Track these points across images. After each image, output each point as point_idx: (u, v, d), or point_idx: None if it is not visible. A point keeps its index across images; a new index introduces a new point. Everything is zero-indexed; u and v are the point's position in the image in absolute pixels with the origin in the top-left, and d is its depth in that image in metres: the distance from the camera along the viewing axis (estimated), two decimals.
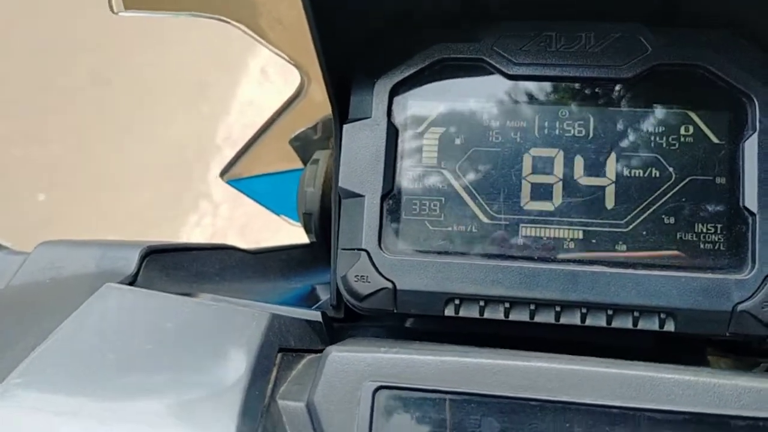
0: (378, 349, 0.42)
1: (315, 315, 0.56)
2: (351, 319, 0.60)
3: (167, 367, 0.42)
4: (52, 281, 0.60)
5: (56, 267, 0.63)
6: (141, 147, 2.60)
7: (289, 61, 0.70)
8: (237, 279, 0.71)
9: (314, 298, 0.71)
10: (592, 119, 0.51)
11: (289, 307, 0.57)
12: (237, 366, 0.42)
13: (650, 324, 0.48)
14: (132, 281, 0.60)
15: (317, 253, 0.73)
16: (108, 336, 0.44)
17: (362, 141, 0.52)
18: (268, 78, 2.80)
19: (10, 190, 2.45)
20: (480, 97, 0.52)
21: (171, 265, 0.66)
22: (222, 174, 0.90)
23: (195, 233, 2.38)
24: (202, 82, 2.80)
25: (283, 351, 0.46)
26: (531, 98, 0.51)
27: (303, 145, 0.82)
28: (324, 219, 0.67)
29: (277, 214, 0.95)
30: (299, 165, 0.85)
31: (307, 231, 0.70)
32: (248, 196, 0.94)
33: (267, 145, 0.86)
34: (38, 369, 0.41)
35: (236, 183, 0.92)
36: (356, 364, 0.41)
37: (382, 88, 0.52)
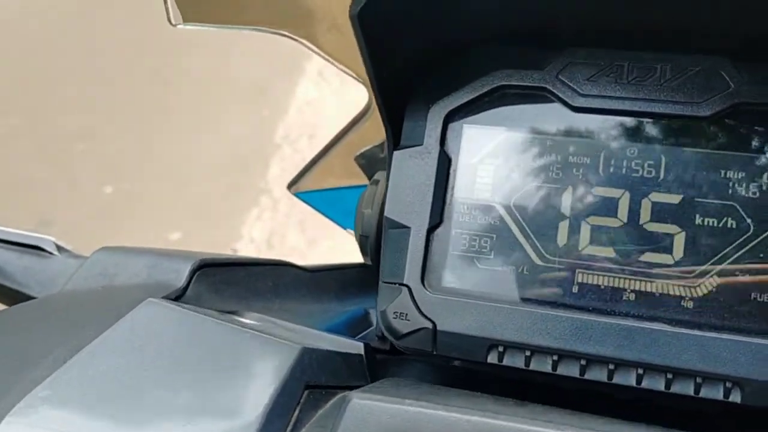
0: (402, 400, 0.39)
1: (357, 347, 0.53)
2: (397, 353, 0.57)
3: (188, 393, 0.41)
4: (103, 289, 0.60)
5: (110, 274, 0.63)
6: (203, 145, 2.70)
7: (357, 78, 0.68)
8: (290, 297, 0.70)
9: (366, 323, 0.69)
10: (663, 159, 0.46)
11: (332, 335, 0.55)
12: (257, 401, 0.40)
13: (714, 393, 0.43)
14: (180, 295, 0.59)
15: (373, 276, 0.71)
16: (137, 356, 0.44)
17: (412, 169, 0.49)
18: (325, 79, 2.86)
19: (78, 183, 2.56)
20: (541, 128, 0.48)
21: (222, 280, 0.65)
22: (289, 186, 0.89)
23: (256, 227, 2.42)
24: (262, 83, 2.88)
25: (310, 388, 0.44)
26: (597, 133, 0.47)
27: (369, 163, 0.80)
28: (379, 243, 0.64)
29: (344, 227, 0.93)
30: (366, 181, 0.83)
31: (363, 253, 0.68)
32: (315, 208, 0.93)
33: (335, 159, 0.85)
34: (63, 385, 0.41)
35: (304, 195, 0.91)
36: (377, 414, 0.39)
37: (437, 113, 0.49)
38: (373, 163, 0.79)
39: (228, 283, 0.66)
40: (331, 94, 2.77)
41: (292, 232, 2.39)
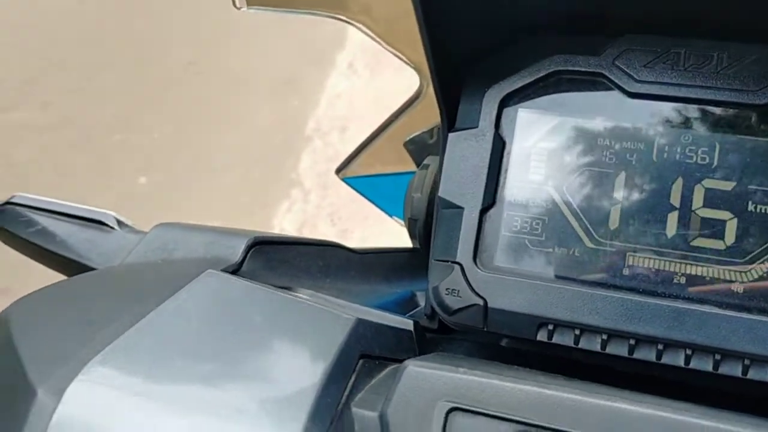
0: (457, 368, 0.40)
1: (407, 323, 0.55)
2: (444, 331, 0.59)
3: (247, 360, 0.43)
4: (162, 262, 0.62)
5: (169, 249, 0.65)
6: (236, 136, 2.74)
7: (408, 63, 0.70)
8: (340, 278, 0.72)
9: (413, 304, 0.70)
10: (717, 147, 0.47)
11: (382, 312, 0.57)
12: (314, 368, 0.42)
13: (761, 374, 0.44)
14: (236, 270, 0.61)
15: (420, 260, 0.73)
16: (198, 323, 0.46)
17: (466, 151, 0.50)
18: (356, 72, 2.88)
19: (114, 173, 2.63)
20: (596, 114, 0.49)
21: (276, 258, 0.67)
22: (338, 171, 0.91)
23: (287, 218, 2.46)
24: (293, 75, 2.92)
25: (365, 357, 0.46)
26: (652, 119, 0.48)
27: (418, 149, 0.81)
28: (429, 226, 0.66)
29: (390, 215, 0.95)
30: (415, 168, 0.85)
31: (412, 237, 0.70)
32: (362, 194, 0.95)
33: (385, 145, 0.86)
34: (126, 349, 0.43)
35: (352, 181, 0.92)
36: (433, 381, 0.40)
37: (492, 97, 0.50)
38: (422, 149, 0.81)
39: (281, 260, 0.67)
40: (362, 86, 2.79)
41: (322, 223, 2.42)
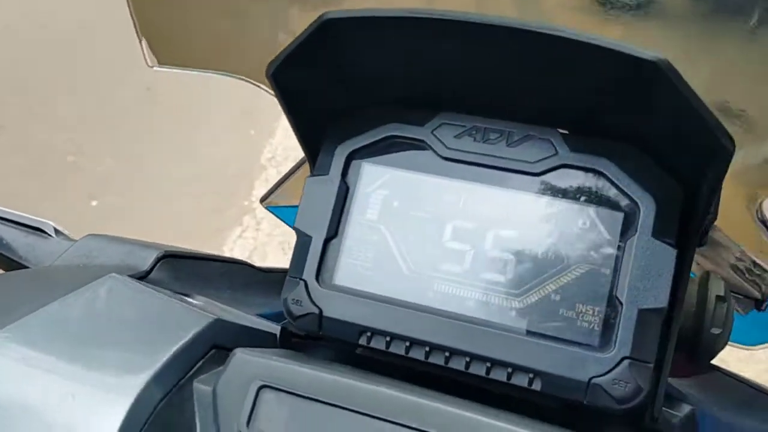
0: (271, 357, 0.53)
1: (274, 328, 0.68)
2: (311, 339, 0.71)
3: (114, 342, 0.55)
4: (82, 267, 0.75)
5: (92, 256, 0.78)
6: (189, 163, 2.86)
7: None
8: (240, 290, 0.84)
9: None
10: (507, 202, 0.60)
11: (255, 318, 0.69)
12: (166, 349, 0.54)
13: (521, 380, 0.57)
14: (143, 277, 0.74)
15: None
16: (85, 313, 0.58)
17: (318, 192, 0.63)
18: None
19: (66, 195, 2.73)
20: (419, 170, 0.62)
21: (183, 270, 0.79)
22: (262, 200, 1.04)
23: (237, 245, 2.56)
24: (250, 105, 3.01)
25: (217, 348, 0.59)
26: (459, 177, 0.61)
27: None
28: None
29: None
30: None
31: None
32: (285, 223, 1.07)
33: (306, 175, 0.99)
34: (27, 329, 0.55)
35: (275, 210, 1.05)
36: (252, 365, 0.53)
37: (342, 152, 0.64)
38: None
39: (188, 273, 0.80)
40: None
41: (272, 251, 2.54)
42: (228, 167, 2.88)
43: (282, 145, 2.95)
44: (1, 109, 3.09)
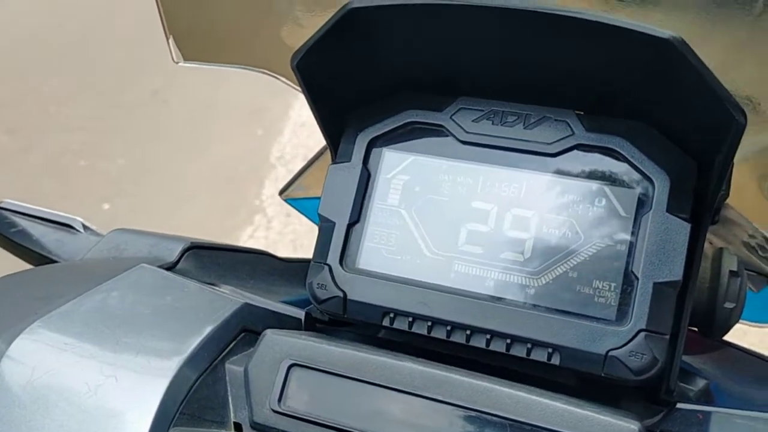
0: (300, 336, 0.55)
1: (299, 313, 0.70)
2: (335, 324, 0.73)
3: (151, 327, 0.57)
4: (112, 259, 0.78)
5: (120, 249, 0.80)
6: (200, 164, 2.89)
7: None
8: (263, 280, 0.86)
9: None
10: (524, 183, 0.62)
11: (281, 304, 0.71)
12: (200, 332, 0.57)
13: (540, 356, 0.58)
14: (170, 267, 0.76)
15: None
16: (121, 301, 0.61)
17: (341, 179, 0.65)
18: None
19: (78, 199, 2.77)
20: (438, 155, 0.64)
21: (208, 260, 0.82)
22: (281, 192, 1.06)
23: (249, 243, 2.59)
24: (257, 105, 3.03)
25: (247, 331, 0.61)
26: (477, 161, 0.63)
27: None
28: None
29: None
30: None
31: None
32: (304, 215, 1.10)
33: (324, 167, 1.01)
34: (62, 316, 0.58)
35: (293, 202, 1.07)
36: (282, 345, 0.55)
37: (363, 139, 0.66)
38: None
39: (213, 263, 0.82)
40: None
41: (283, 249, 2.56)
42: (238, 167, 2.92)
43: (290, 144, 2.98)
44: (14, 113, 3.13)
